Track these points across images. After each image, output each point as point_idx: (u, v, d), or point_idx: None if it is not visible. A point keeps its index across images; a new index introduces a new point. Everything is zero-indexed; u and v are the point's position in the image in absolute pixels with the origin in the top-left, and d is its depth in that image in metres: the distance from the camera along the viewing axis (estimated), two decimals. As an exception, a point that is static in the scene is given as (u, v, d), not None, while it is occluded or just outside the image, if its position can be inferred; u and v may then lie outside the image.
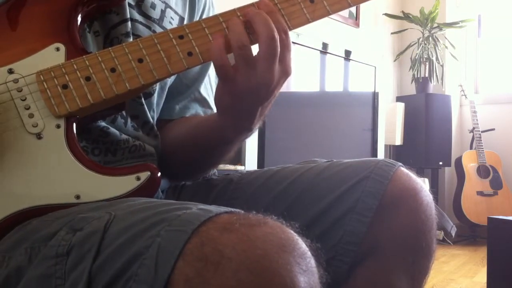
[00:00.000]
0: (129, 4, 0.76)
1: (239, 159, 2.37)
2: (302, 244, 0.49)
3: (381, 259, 0.73)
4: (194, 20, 0.88)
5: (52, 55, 0.67)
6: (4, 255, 0.57)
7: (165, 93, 0.86)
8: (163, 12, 0.81)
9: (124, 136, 0.77)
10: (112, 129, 0.75)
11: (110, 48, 0.67)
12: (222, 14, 0.70)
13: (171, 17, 0.83)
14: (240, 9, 0.69)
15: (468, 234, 3.65)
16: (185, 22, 0.86)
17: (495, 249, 1.79)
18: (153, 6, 0.80)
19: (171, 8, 0.83)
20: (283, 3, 0.71)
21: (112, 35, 0.75)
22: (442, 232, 3.42)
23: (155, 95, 0.82)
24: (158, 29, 0.80)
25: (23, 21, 0.68)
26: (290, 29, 0.70)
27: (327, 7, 0.72)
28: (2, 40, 0.67)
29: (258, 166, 2.38)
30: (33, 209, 0.62)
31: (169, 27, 0.82)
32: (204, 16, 0.91)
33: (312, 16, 0.71)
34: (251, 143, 2.39)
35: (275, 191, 0.79)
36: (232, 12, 0.69)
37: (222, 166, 2.16)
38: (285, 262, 0.46)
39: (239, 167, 2.28)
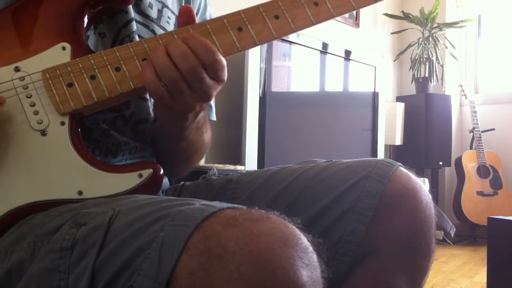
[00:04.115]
0: None
1: (239, 159, 2.37)
2: (304, 239, 0.50)
3: (380, 259, 0.73)
4: None
5: (58, 54, 0.67)
6: (6, 249, 0.58)
7: None
8: (160, 12, 0.82)
9: (124, 138, 0.77)
10: (113, 132, 0.76)
11: (115, 48, 0.68)
12: (227, 16, 0.71)
13: (168, 17, 0.84)
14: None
15: (468, 234, 3.65)
16: None
17: (495, 249, 1.79)
18: (150, 5, 0.81)
19: (167, 7, 0.84)
20: (288, 5, 0.71)
21: (123, 33, 0.76)
22: (442, 232, 3.42)
23: None
24: (157, 28, 0.81)
25: (30, 21, 0.69)
26: (294, 31, 0.71)
27: (331, 10, 0.73)
28: (9, 39, 0.68)
29: (258, 166, 2.38)
30: (36, 204, 0.63)
31: (166, 26, 0.83)
32: (199, 16, 0.91)
33: (316, 19, 0.72)
34: (251, 143, 2.39)
35: (274, 191, 0.79)
36: (237, 13, 0.71)
37: (222, 166, 2.16)
38: (288, 256, 0.46)
39: (239, 167, 2.28)
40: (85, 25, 0.71)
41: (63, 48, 0.68)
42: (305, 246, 0.49)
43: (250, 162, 2.37)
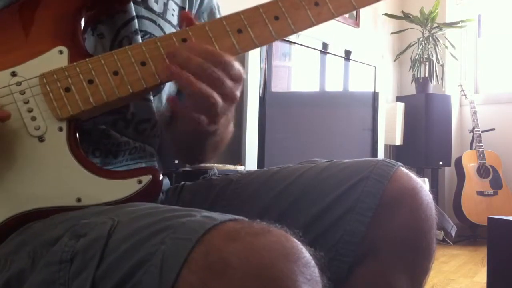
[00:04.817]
0: (134, 1, 0.77)
1: (239, 159, 2.37)
2: (306, 253, 0.49)
3: (380, 259, 0.73)
4: (193, 9, 0.89)
5: (55, 58, 0.66)
6: (6, 257, 0.57)
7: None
8: (165, 4, 0.82)
9: (124, 139, 0.77)
10: (113, 132, 0.75)
11: (113, 51, 0.67)
12: (226, 17, 0.70)
13: (173, 9, 0.84)
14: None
15: (468, 234, 3.65)
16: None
17: (495, 249, 1.79)
18: (156, 0, 0.80)
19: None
20: (288, 6, 0.70)
21: (122, 34, 0.75)
22: (442, 232, 3.42)
23: (166, 89, 0.83)
24: (162, 23, 0.81)
25: (27, 24, 0.68)
26: (294, 32, 0.70)
27: (332, 11, 0.72)
28: (6, 43, 0.67)
29: (258, 166, 2.38)
30: (34, 212, 0.62)
31: (171, 19, 0.82)
32: (204, 4, 0.91)
33: (317, 20, 0.71)
34: (251, 143, 2.39)
35: (275, 191, 0.79)
36: (236, 15, 0.70)
37: (222, 166, 2.16)
38: (290, 271, 0.46)
39: (239, 167, 2.28)
40: (82, 27, 0.70)
41: (60, 52, 0.67)
42: (306, 260, 0.48)
43: (250, 162, 2.37)
